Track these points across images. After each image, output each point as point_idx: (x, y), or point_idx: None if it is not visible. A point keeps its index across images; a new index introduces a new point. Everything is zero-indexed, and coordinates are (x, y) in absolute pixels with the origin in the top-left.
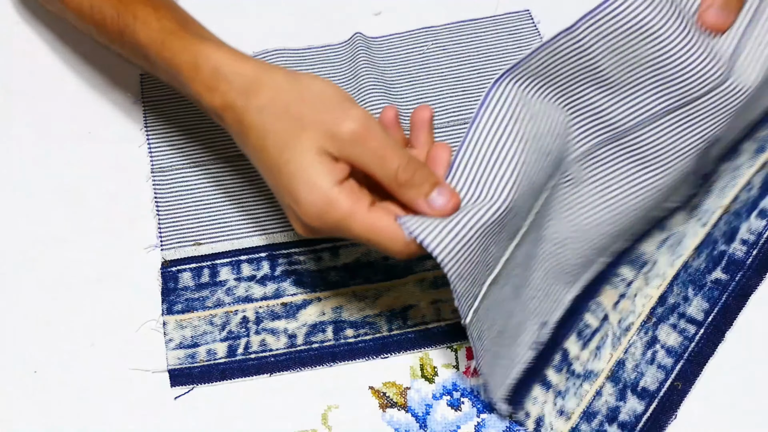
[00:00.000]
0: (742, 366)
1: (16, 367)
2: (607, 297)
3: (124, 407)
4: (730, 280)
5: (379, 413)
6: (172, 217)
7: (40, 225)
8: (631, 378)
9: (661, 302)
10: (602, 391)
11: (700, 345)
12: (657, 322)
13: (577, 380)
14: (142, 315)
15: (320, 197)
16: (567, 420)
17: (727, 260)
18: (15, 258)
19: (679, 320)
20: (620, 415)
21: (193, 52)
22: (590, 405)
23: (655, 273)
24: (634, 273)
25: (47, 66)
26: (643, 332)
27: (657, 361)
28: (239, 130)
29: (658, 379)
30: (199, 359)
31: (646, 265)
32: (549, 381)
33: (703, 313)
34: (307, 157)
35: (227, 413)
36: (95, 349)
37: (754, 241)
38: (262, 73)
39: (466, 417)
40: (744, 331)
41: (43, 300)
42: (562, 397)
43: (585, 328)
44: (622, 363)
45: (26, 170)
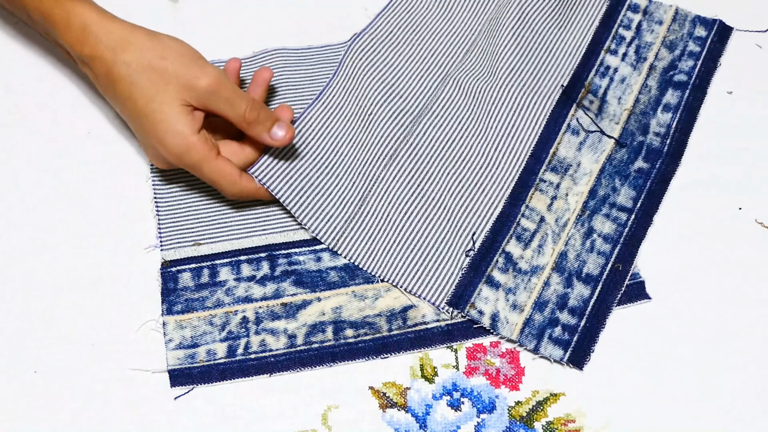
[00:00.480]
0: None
1: (16, 367)
2: (539, 202)
3: (124, 407)
4: (651, 167)
5: (379, 413)
6: (172, 217)
7: (40, 225)
8: (575, 266)
9: (592, 195)
10: (550, 281)
11: (633, 229)
12: (591, 214)
13: (525, 276)
14: (142, 315)
15: (183, 142)
16: (521, 312)
17: (646, 150)
18: (15, 258)
19: (611, 209)
20: (569, 301)
21: (66, 8)
22: (540, 295)
23: (582, 172)
24: (559, 177)
25: (47, 66)
26: (579, 224)
27: (596, 248)
28: (107, 81)
29: (599, 264)
30: (199, 359)
31: (571, 167)
32: (497, 281)
33: (632, 200)
34: (172, 108)
35: (227, 413)
36: (95, 349)
37: (665, 132)
38: (128, 33)
39: (466, 417)
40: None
41: (43, 300)
42: (513, 293)
43: (523, 232)
44: (564, 254)
45: (26, 170)
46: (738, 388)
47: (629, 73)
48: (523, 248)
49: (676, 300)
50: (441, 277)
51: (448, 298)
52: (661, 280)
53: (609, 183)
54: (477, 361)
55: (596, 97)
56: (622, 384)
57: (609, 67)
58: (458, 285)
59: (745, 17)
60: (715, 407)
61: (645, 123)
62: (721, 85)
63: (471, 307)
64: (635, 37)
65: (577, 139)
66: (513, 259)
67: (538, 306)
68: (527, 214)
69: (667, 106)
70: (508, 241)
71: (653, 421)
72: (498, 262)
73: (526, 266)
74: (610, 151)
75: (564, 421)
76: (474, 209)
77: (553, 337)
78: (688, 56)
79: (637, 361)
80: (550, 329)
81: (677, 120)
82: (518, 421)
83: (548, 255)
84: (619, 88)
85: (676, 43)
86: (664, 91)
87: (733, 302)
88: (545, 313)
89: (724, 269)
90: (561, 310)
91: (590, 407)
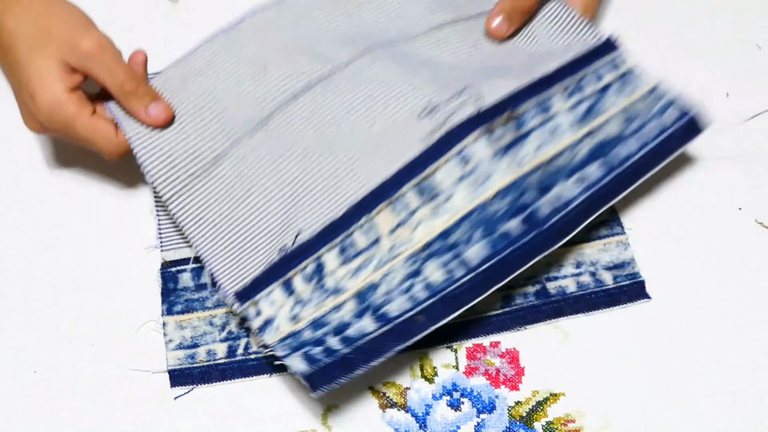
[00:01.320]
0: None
1: (16, 367)
2: (385, 221)
3: (124, 407)
4: (523, 235)
5: (379, 413)
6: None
7: (40, 225)
8: (378, 302)
9: (443, 237)
10: (342, 307)
11: (462, 289)
12: (429, 256)
13: (324, 294)
14: (142, 315)
15: (52, 98)
16: (295, 324)
17: (528, 214)
18: (15, 258)
19: (452, 260)
20: (348, 330)
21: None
22: (324, 316)
23: (446, 208)
24: (421, 202)
25: None
26: (410, 263)
27: (411, 293)
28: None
29: (403, 309)
30: (199, 360)
31: (438, 197)
32: (294, 288)
33: (480, 259)
34: (50, 63)
35: (227, 414)
36: (95, 349)
37: (563, 205)
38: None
39: (465, 417)
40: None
41: (43, 300)
42: (302, 305)
43: (350, 247)
44: (374, 287)
45: (26, 170)
46: (738, 388)
47: (567, 127)
48: (341, 264)
49: (676, 300)
50: (244, 266)
51: (238, 288)
52: (661, 280)
53: (467, 231)
54: (477, 361)
55: (516, 131)
56: (622, 384)
57: (549, 108)
58: (255, 279)
59: (745, 17)
60: (715, 407)
61: (548, 184)
62: (720, 85)
63: (252, 304)
64: (596, 95)
65: (462, 170)
66: (323, 272)
67: (314, 324)
68: (365, 228)
69: (583, 178)
70: (330, 250)
71: (653, 421)
72: (306, 269)
73: (331, 284)
74: (488, 198)
75: (564, 421)
76: (314, 205)
77: (308, 354)
78: (637, 139)
79: (637, 361)
80: (310, 347)
81: (584, 199)
82: (518, 421)
83: (359, 281)
84: (546, 135)
85: (632, 119)
86: (589, 162)
87: (733, 302)
88: (317, 333)
89: (724, 269)
90: (335, 335)
91: (590, 407)
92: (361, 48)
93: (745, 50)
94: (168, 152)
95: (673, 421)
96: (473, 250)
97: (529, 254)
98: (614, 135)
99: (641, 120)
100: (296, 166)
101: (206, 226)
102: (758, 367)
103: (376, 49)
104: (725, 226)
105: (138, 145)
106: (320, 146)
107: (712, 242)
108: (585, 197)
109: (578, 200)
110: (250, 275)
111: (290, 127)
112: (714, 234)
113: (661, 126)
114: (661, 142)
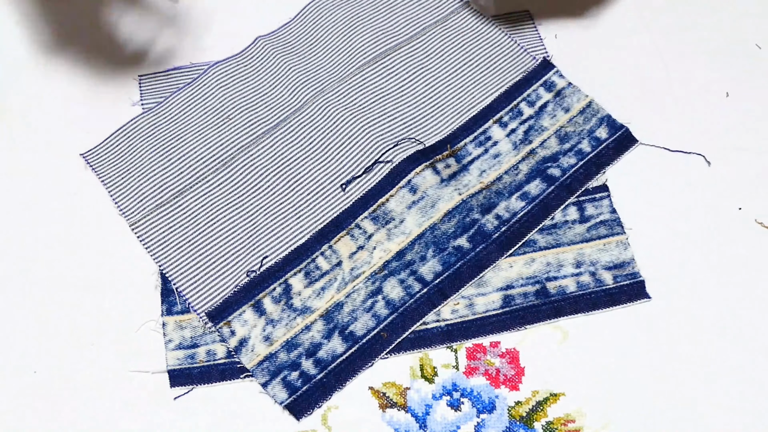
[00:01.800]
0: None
1: (16, 367)
2: (344, 246)
3: (124, 407)
4: (471, 249)
5: (379, 413)
6: None
7: (40, 226)
8: (344, 321)
9: (398, 257)
10: (312, 327)
11: (419, 302)
12: (387, 275)
13: (293, 313)
14: (142, 315)
15: None
16: (269, 345)
17: (476, 230)
18: (15, 258)
19: (408, 277)
20: (319, 352)
21: None
22: (296, 336)
23: (400, 230)
24: (376, 228)
25: (47, 66)
26: (371, 282)
27: (374, 310)
28: None
29: (367, 327)
30: (199, 360)
31: (392, 222)
32: (264, 308)
33: (433, 274)
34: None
35: (227, 413)
36: (95, 349)
37: (507, 218)
38: None
39: (465, 417)
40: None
41: (43, 300)
42: (273, 325)
43: (314, 270)
44: (340, 305)
45: (26, 171)
46: (738, 388)
47: (507, 151)
48: (306, 285)
49: (676, 300)
50: (214, 287)
51: (210, 309)
52: (661, 280)
53: (421, 250)
54: (477, 362)
55: (458, 163)
56: (622, 384)
57: (490, 138)
58: (225, 300)
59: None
60: (715, 407)
61: (492, 203)
62: (720, 85)
63: (226, 324)
64: (533, 116)
65: (412, 198)
66: (290, 293)
67: (288, 345)
68: (327, 254)
69: (525, 194)
70: (295, 274)
71: (653, 421)
72: (274, 291)
73: (299, 304)
74: (438, 219)
75: (564, 421)
76: (278, 233)
77: (287, 380)
78: (575, 154)
79: (637, 361)
80: (287, 371)
81: (526, 212)
82: (518, 421)
83: (325, 300)
84: (488, 162)
85: (570, 137)
86: (530, 180)
87: (732, 302)
88: (291, 354)
89: (724, 269)
90: (308, 357)
91: (590, 407)
92: (314, 89)
93: (745, 50)
94: (134, 185)
95: (673, 421)
96: (427, 266)
97: (479, 266)
98: (553, 152)
99: (577, 136)
100: (259, 199)
101: (170, 248)
102: (758, 366)
103: (328, 90)
104: (725, 226)
105: (108, 181)
106: (281, 183)
107: (712, 242)
108: (527, 210)
109: (520, 214)
110: (219, 296)
111: (252, 166)
112: (714, 234)
113: (596, 140)
114: (596, 154)
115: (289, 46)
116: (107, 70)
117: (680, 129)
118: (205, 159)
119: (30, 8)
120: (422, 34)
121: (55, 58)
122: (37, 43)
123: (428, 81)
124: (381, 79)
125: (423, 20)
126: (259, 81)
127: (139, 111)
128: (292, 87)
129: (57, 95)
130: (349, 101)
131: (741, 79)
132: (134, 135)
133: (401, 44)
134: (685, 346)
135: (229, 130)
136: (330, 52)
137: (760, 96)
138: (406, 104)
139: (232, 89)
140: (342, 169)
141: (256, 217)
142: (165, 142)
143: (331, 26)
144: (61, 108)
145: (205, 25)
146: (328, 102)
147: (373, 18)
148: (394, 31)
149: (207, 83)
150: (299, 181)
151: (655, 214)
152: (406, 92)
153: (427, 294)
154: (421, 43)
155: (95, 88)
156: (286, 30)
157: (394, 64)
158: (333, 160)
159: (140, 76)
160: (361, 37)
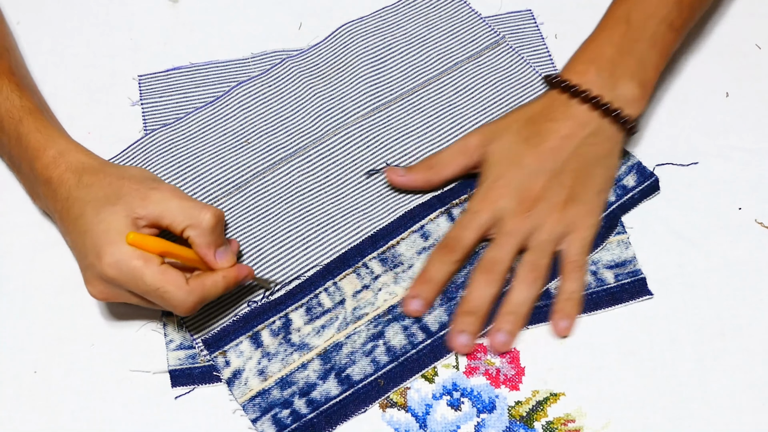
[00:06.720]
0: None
1: (16, 367)
2: (349, 284)
3: (125, 407)
4: None
5: (379, 413)
6: None
7: (40, 225)
8: (342, 363)
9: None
10: (309, 365)
11: (421, 353)
12: (391, 320)
13: (290, 348)
14: (143, 315)
15: (120, 250)
16: (263, 381)
17: None
18: (15, 258)
19: (412, 324)
20: (313, 393)
21: (45, 135)
22: (291, 374)
23: (408, 275)
24: (384, 269)
25: (47, 66)
26: (373, 325)
27: (373, 355)
28: (65, 204)
29: (365, 372)
30: (200, 360)
31: (400, 266)
32: (261, 340)
33: (439, 324)
34: (118, 218)
35: (228, 414)
36: (95, 349)
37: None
38: (97, 163)
39: (465, 417)
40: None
41: (43, 300)
42: (269, 359)
43: (316, 306)
44: (339, 346)
45: None
46: (738, 388)
47: None
48: (306, 322)
49: (675, 300)
50: (210, 314)
51: (207, 336)
52: (661, 280)
53: None
54: (477, 361)
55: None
56: (622, 384)
57: None
58: (223, 329)
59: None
60: (715, 407)
61: None
62: (720, 85)
63: (221, 354)
64: None
65: (423, 244)
66: (289, 328)
67: (282, 382)
68: (330, 291)
69: None
70: (297, 308)
71: (653, 421)
72: (274, 323)
73: (297, 339)
74: None
75: (564, 421)
76: (283, 265)
77: (277, 417)
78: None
79: (637, 361)
80: (279, 409)
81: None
82: (518, 421)
83: (324, 339)
84: None
85: None
86: None
87: (732, 302)
88: (285, 392)
89: (724, 269)
90: (301, 396)
91: (590, 407)
92: (337, 121)
93: (745, 50)
94: None
95: (673, 420)
96: (433, 315)
97: (487, 319)
98: None
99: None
100: (267, 227)
101: None
102: (758, 366)
103: (351, 124)
104: (725, 226)
105: None
106: (292, 212)
107: (712, 242)
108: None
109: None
110: (217, 324)
111: (265, 193)
112: (714, 234)
113: (622, 188)
114: (620, 205)
115: (317, 69)
116: (107, 70)
117: (680, 129)
118: (219, 182)
119: (30, 8)
120: (453, 69)
121: (54, 58)
122: (37, 43)
123: (455, 119)
124: (407, 115)
125: (456, 55)
126: (282, 104)
127: (139, 111)
128: (314, 114)
129: (57, 95)
130: (371, 138)
131: (741, 79)
132: (151, 150)
133: (431, 80)
134: (686, 346)
135: (247, 154)
136: (358, 82)
137: (760, 96)
138: (430, 143)
139: (254, 112)
140: (355, 206)
141: (262, 245)
142: (181, 160)
143: (362, 53)
144: (60, 108)
145: (205, 25)
146: (349, 136)
147: (405, 50)
148: (425, 66)
149: (229, 103)
150: (311, 212)
151: (655, 214)
152: (431, 131)
153: (431, 345)
154: (452, 79)
155: (95, 88)
156: (315, 52)
157: (421, 100)
158: (347, 196)
159: (140, 76)
160: (391, 70)
